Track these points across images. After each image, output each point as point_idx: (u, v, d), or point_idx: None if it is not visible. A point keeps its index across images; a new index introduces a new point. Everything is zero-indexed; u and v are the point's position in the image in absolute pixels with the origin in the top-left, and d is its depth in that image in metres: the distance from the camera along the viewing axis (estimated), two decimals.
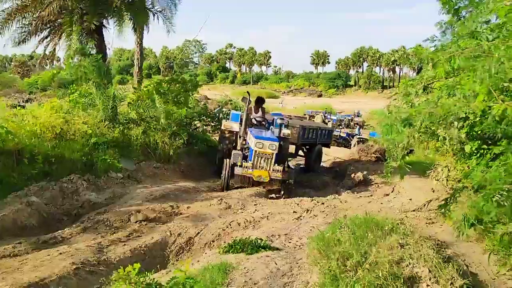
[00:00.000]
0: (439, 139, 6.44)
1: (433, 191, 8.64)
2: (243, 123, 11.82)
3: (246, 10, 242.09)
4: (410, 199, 9.24)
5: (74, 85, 13.10)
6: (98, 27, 12.80)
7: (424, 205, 7.93)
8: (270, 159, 10.76)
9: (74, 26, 12.58)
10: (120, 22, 12.87)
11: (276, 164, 10.82)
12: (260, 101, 12.79)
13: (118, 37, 13.36)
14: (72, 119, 11.12)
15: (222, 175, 11.10)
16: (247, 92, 12.43)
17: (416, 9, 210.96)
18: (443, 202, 5.53)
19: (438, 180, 8.37)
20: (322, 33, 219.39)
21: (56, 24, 13.48)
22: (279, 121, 12.31)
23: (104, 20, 13.68)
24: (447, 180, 7.94)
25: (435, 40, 6.27)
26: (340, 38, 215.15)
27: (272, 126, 12.58)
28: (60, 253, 5.98)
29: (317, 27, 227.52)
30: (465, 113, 4.66)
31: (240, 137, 12.00)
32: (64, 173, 9.65)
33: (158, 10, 15.19)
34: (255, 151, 10.74)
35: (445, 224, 6.29)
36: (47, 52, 14.48)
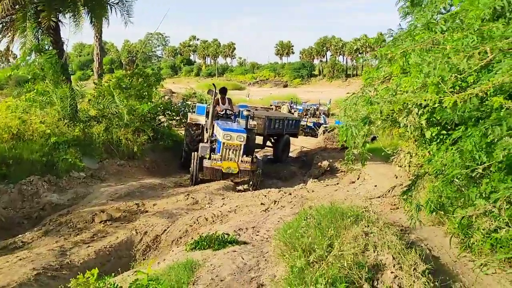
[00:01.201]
0: (401, 126, 6.55)
1: (396, 177, 8.82)
2: (210, 115, 11.72)
3: (209, 1, 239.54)
4: (375, 186, 9.41)
5: (30, 83, 12.60)
6: (53, 23, 12.29)
7: (388, 191, 8.09)
8: (238, 151, 10.75)
9: (28, 22, 12.04)
10: (76, 17, 12.42)
11: (245, 156, 10.81)
12: (224, 91, 12.71)
13: (76, 33, 12.89)
14: (29, 119, 10.71)
15: (190, 169, 10.99)
16: (213, 84, 12.32)
17: None
18: (405, 188, 5.62)
19: (401, 166, 8.55)
20: (285, 23, 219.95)
21: (9, 20, 12.89)
22: (245, 113, 12.29)
23: (60, 15, 13.17)
24: (409, 166, 8.11)
25: (392, 34, 6.37)
26: (303, 28, 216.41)
27: (238, 118, 12.53)
28: (20, 259, 5.76)
29: (280, 18, 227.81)
30: (425, 101, 4.75)
31: (207, 130, 11.90)
32: (23, 175, 9.30)
33: (115, 2, 14.74)
34: (223, 143, 10.69)
35: (408, 209, 6.42)
36: (0, 49, 13.86)
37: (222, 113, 12.17)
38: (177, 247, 6.51)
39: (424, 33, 4.17)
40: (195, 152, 11.06)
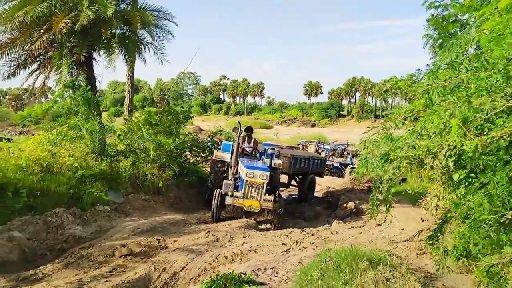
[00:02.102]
0: (428, 167, 6.37)
1: (422, 221, 8.52)
2: (234, 152, 11.77)
3: (239, 42, 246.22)
4: (402, 229, 9.09)
5: (62, 117, 13.05)
6: (87, 59, 12.86)
7: (415, 235, 7.79)
8: (261, 189, 10.67)
9: (64, 59, 12.64)
10: (109, 54, 12.95)
11: (267, 194, 10.70)
12: (249, 130, 12.79)
13: (108, 69, 13.39)
14: (58, 152, 10.99)
15: (212, 205, 10.94)
16: (238, 122, 12.45)
17: (406, 41, 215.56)
18: (431, 233, 5.40)
19: (427, 209, 8.27)
20: (315, 64, 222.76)
21: (46, 57, 13.57)
22: (270, 151, 12.29)
23: (94, 53, 13.79)
24: (436, 209, 7.84)
25: (421, 73, 6.32)
26: (333, 69, 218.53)
27: (263, 156, 12.53)
28: None
29: (309, 59, 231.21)
30: (449, 144, 4.62)
31: (231, 167, 11.91)
32: (49, 207, 9.45)
33: (148, 42, 15.35)
34: (246, 180, 10.66)
35: (435, 255, 6.14)
36: (37, 85, 14.51)
37: (248, 151, 12.22)
38: (194, 285, 6.41)
39: (448, 71, 4.11)
40: (218, 189, 11.05)
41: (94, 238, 8.85)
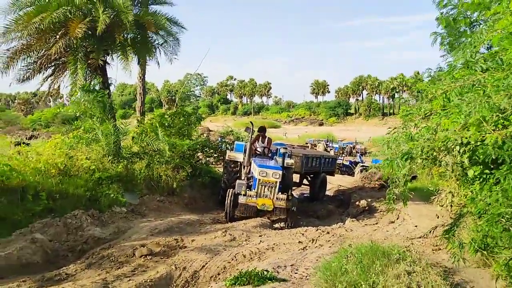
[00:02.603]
0: (441, 164, 6.47)
1: (438, 217, 8.59)
2: (247, 152, 11.89)
3: (246, 41, 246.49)
4: (416, 226, 9.18)
5: (78, 121, 13.29)
6: (101, 63, 13.10)
7: (430, 231, 7.87)
8: (274, 188, 10.78)
9: (78, 63, 12.87)
10: (125, 58, 13.19)
11: (280, 193, 10.81)
12: (262, 130, 12.91)
13: (123, 73, 13.70)
14: (75, 155, 11.21)
15: (225, 205, 11.09)
16: (250, 122, 12.58)
17: (411, 37, 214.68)
18: (448, 228, 5.51)
19: (442, 206, 8.34)
20: (321, 63, 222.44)
21: (60, 62, 13.83)
22: (282, 150, 12.38)
23: (108, 57, 14.03)
24: (451, 205, 7.91)
25: (431, 72, 6.41)
26: (339, 67, 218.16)
27: (275, 156, 12.64)
28: None
29: (315, 57, 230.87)
30: (466, 138, 4.73)
31: (244, 166, 12.04)
32: (68, 209, 9.67)
33: (160, 43, 15.60)
34: (259, 179, 10.77)
35: (451, 249, 6.24)
36: (51, 90, 14.78)
37: (260, 150, 12.34)
38: (216, 283, 6.55)
39: (464, 71, 4.22)
40: (231, 189, 11.20)
41: (113, 239, 9.02)
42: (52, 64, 14.03)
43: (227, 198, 11.05)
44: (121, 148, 12.92)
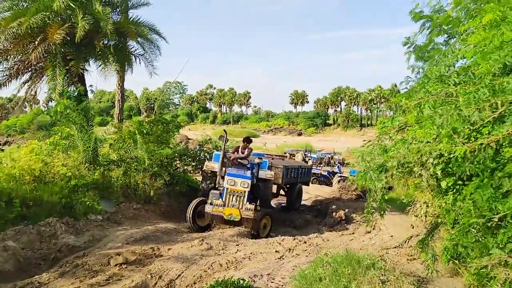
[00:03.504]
0: (416, 176, 6.61)
1: (412, 227, 8.76)
2: (220, 161, 11.57)
3: (225, 52, 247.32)
4: (391, 236, 9.33)
5: (56, 127, 13.07)
6: (81, 71, 12.98)
7: (405, 241, 8.01)
8: (242, 197, 10.53)
9: (57, 69, 12.71)
10: (104, 65, 13.09)
11: (248, 203, 10.52)
12: (246, 140, 12.69)
13: (102, 80, 13.58)
14: (52, 162, 11.02)
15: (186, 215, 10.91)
16: (224, 130, 12.51)
17: (389, 50, 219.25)
18: (422, 238, 5.62)
19: (417, 216, 8.51)
20: (300, 73, 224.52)
21: (38, 67, 13.63)
22: (256, 160, 12.12)
23: (86, 64, 13.90)
24: (425, 216, 8.08)
25: (409, 81, 6.57)
26: (318, 78, 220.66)
27: (255, 166, 12.50)
28: None
29: (295, 69, 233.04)
30: (439, 150, 4.86)
31: (218, 175, 11.84)
32: (42, 216, 9.49)
33: (140, 53, 15.54)
34: (227, 188, 10.57)
35: (425, 259, 6.36)
36: (28, 95, 14.54)
37: (234, 160, 12.12)
38: None
39: (437, 85, 4.36)
40: (195, 199, 11.04)
41: (88, 247, 8.88)
42: (30, 69, 13.84)
43: (188, 208, 10.87)
44: (99, 155, 12.76)
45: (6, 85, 13.37)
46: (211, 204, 10.55)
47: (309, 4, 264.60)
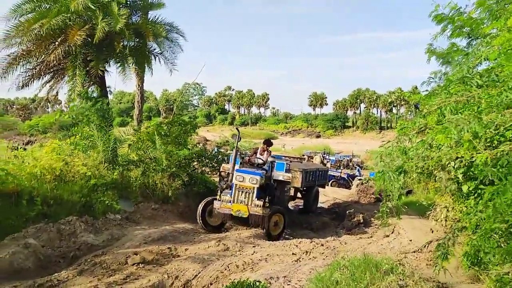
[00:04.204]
0: (436, 179, 6.48)
1: (432, 232, 8.61)
2: (233, 159, 11.39)
3: (244, 54, 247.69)
4: (410, 240, 9.17)
5: (76, 127, 13.29)
6: (101, 72, 13.17)
7: (424, 246, 7.87)
8: (251, 194, 10.36)
9: (77, 70, 12.94)
10: (123, 66, 13.28)
11: (257, 199, 10.34)
12: (267, 143, 12.60)
13: (122, 81, 13.72)
14: (72, 161, 11.20)
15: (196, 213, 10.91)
16: (237, 128, 12.47)
17: (406, 52, 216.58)
18: (442, 242, 5.50)
19: (437, 220, 8.36)
20: (319, 75, 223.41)
21: (59, 68, 13.89)
22: (269, 159, 11.89)
23: (106, 65, 14.10)
24: (446, 220, 7.93)
25: (431, 82, 6.47)
26: (337, 80, 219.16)
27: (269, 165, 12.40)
28: None
29: (314, 70, 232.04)
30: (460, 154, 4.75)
31: (230, 174, 11.72)
32: (62, 215, 9.63)
33: (159, 52, 15.69)
34: (236, 185, 10.45)
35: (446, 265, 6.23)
36: (49, 96, 14.82)
37: (249, 161, 11.99)
38: None
39: (459, 86, 4.27)
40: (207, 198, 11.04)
41: (106, 246, 8.99)
42: (51, 70, 14.11)
43: (198, 207, 10.86)
44: (118, 155, 12.92)
45: (28, 86, 13.69)
46: (219, 200, 10.49)
47: (327, 5, 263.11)
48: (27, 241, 8.03)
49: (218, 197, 10.77)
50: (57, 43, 12.96)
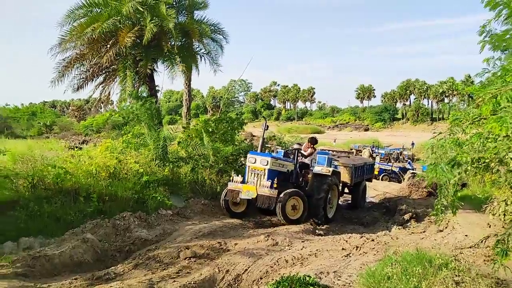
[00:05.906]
0: (493, 171, 6.19)
1: (489, 227, 8.22)
2: (260, 147, 11.88)
3: (288, 47, 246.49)
4: (466, 235, 8.80)
5: (127, 126, 13.80)
6: (150, 71, 13.60)
7: (482, 241, 7.54)
8: (261, 175, 10.65)
9: (128, 71, 13.40)
10: (172, 65, 13.64)
11: (267, 181, 10.56)
12: (311, 141, 12.76)
13: (170, 80, 14.15)
14: (125, 159, 11.62)
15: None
16: (263, 117, 12.69)
17: (458, 40, 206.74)
18: (501, 238, 5.25)
19: (494, 215, 7.98)
20: (366, 67, 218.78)
21: (111, 69, 14.47)
22: (295, 146, 12.31)
23: (155, 65, 14.53)
24: (504, 215, 7.55)
25: (485, 73, 6.16)
26: (385, 71, 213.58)
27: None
28: None
29: (360, 61, 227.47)
30: None
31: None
32: (117, 211, 10.05)
33: (204, 52, 15.96)
34: (248, 166, 10.80)
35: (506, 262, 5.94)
36: (102, 96, 15.45)
37: (301, 156, 12.19)
38: (258, 287, 6.57)
39: None
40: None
41: (159, 241, 9.26)
42: (103, 72, 14.71)
43: (222, 193, 11.19)
44: (168, 152, 13.28)
45: (83, 88, 14.39)
46: (232, 181, 10.80)
47: None
48: (85, 235, 8.43)
49: (231, 177, 11.12)
50: (108, 45, 13.50)
